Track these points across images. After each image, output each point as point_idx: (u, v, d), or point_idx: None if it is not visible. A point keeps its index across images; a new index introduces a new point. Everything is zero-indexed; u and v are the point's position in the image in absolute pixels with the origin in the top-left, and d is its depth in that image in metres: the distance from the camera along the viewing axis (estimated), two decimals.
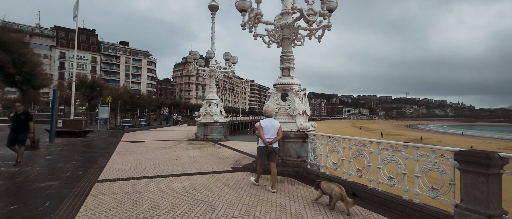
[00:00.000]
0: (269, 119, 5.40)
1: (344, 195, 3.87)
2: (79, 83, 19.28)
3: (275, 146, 5.24)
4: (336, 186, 4.00)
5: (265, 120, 5.40)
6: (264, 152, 5.19)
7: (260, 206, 4.17)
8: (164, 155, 9.05)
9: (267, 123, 5.30)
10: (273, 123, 5.33)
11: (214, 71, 14.62)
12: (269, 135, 5.20)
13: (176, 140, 13.96)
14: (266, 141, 5.12)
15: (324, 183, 4.24)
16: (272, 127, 5.26)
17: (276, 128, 5.28)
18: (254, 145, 12.09)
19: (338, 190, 3.91)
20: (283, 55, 7.26)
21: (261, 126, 5.28)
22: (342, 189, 3.95)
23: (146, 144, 12.00)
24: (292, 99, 6.89)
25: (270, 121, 5.34)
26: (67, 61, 75.67)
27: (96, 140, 13.41)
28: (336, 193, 3.91)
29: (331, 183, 4.16)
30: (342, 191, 3.90)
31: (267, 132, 5.22)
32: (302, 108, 6.85)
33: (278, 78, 7.34)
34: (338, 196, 3.88)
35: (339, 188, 3.95)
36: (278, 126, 5.33)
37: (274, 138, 5.20)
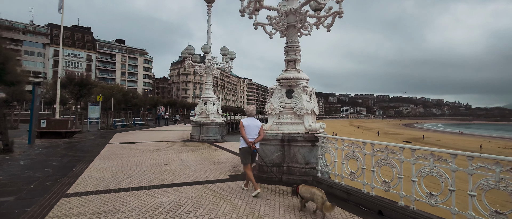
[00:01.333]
0: (251, 118, 5.12)
1: (324, 198, 3.67)
2: (67, 81, 18.16)
3: (258, 147, 5.04)
4: (316, 190, 3.78)
5: (247, 119, 5.11)
6: (248, 153, 4.93)
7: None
8: (153, 159, 8.08)
9: (249, 122, 5.02)
10: (255, 122, 5.08)
11: (210, 67, 13.64)
12: (251, 135, 4.95)
13: (169, 141, 12.98)
14: (249, 141, 4.85)
15: (302, 186, 3.98)
16: (254, 126, 5.01)
17: (257, 128, 5.04)
18: None
19: (320, 194, 3.69)
20: (288, 45, 6.31)
21: (243, 125, 4.99)
22: (322, 191, 3.77)
23: (135, 146, 11.01)
24: (299, 96, 5.95)
25: (252, 121, 5.08)
26: (61, 59, 74.08)
27: (83, 142, 12.39)
28: (318, 197, 3.67)
29: (310, 187, 3.93)
30: (323, 195, 3.71)
31: (250, 132, 4.95)
32: (311, 106, 5.91)
33: (282, 72, 6.40)
34: (321, 200, 3.64)
35: (319, 191, 3.74)
36: (260, 125, 5.10)
37: (256, 138, 4.97)
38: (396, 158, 3.88)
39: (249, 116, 5.20)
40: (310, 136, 5.61)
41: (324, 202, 3.64)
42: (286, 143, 5.83)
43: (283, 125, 6.08)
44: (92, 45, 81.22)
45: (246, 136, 4.88)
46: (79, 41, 78.89)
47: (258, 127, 5.05)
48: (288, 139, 5.80)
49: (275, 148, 5.89)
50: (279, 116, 6.18)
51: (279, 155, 5.88)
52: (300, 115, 5.92)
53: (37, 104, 10.71)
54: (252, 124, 5.02)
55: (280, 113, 6.16)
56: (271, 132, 5.95)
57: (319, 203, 3.65)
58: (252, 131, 4.97)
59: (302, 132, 5.70)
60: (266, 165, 5.87)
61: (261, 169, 5.95)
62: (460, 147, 39.51)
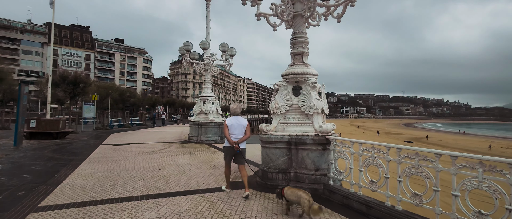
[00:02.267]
0: (235, 117, 4.91)
1: (311, 201, 3.54)
2: (59, 79, 17.45)
3: (242, 147, 4.80)
4: (302, 193, 3.63)
5: (231, 118, 4.92)
6: (230, 153, 4.78)
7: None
8: (146, 162, 7.41)
9: (233, 121, 4.82)
10: (240, 121, 4.86)
11: (209, 65, 12.97)
12: (235, 135, 4.75)
13: (165, 143, 12.31)
14: (231, 140, 4.65)
15: (288, 189, 3.81)
16: (238, 125, 4.80)
17: (243, 127, 4.83)
18: (255, 148, 10.49)
19: (306, 197, 3.56)
20: (295, 37, 5.65)
21: (226, 125, 4.81)
22: (309, 194, 3.62)
23: (129, 148, 10.35)
24: (308, 93, 5.28)
25: (237, 119, 4.86)
26: (60, 58, 73.51)
27: (74, 143, 11.72)
28: (304, 200, 3.53)
29: (296, 189, 3.76)
30: (310, 198, 3.56)
31: (233, 131, 4.76)
32: (321, 105, 5.24)
33: (288, 67, 5.73)
34: (307, 204, 3.50)
35: (306, 194, 3.60)
36: (245, 124, 4.87)
37: (241, 137, 4.74)
38: (430, 167, 3.22)
39: (233, 114, 4.97)
40: (320, 138, 4.95)
41: (311, 205, 3.50)
42: (293, 146, 5.17)
43: (289, 126, 5.42)
44: (91, 44, 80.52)
45: (228, 136, 4.70)
46: (78, 40, 78.20)
47: (243, 126, 4.83)
48: (295, 141, 5.14)
49: (280, 152, 5.23)
50: (285, 116, 5.52)
51: (285, 160, 5.21)
52: (308, 114, 5.25)
53: (24, 103, 10.04)
54: (236, 123, 4.80)
55: (286, 113, 5.50)
56: (276, 134, 5.29)
57: (306, 206, 3.49)
58: (236, 131, 4.76)
59: (311, 134, 5.04)
60: (270, 171, 5.21)
61: (265, 175, 5.28)
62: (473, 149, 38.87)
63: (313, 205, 3.55)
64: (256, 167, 6.87)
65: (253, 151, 9.85)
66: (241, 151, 4.73)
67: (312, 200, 3.58)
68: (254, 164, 7.26)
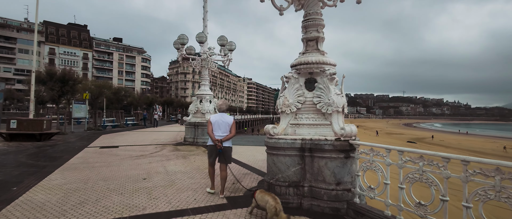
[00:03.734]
0: (220, 114, 4.64)
1: (278, 208, 3.26)
2: (46, 76, 16.34)
3: (227, 145, 4.53)
4: (270, 198, 3.39)
5: (216, 115, 4.65)
6: (214, 152, 4.51)
7: None
8: (131, 170, 6.36)
9: (218, 118, 4.57)
10: (225, 118, 4.59)
11: (207, 60, 11.91)
12: (219, 133, 4.51)
13: (158, 145, 11.26)
14: (214, 138, 4.43)
15: (259, 192, 3.61)
16: (223, 123, 4.54)
17: (228, 125, 4.57)
18: (257, 151, 9.45)
19: (273, 203, 3.31)
20: (308, 19, 4.60)
21: (210, 121, 4.57)
22: (278, 201, 3.35)
23: (117, 151, 9.30)
24: (325, 87, 4.24)
25: (222, 116, 4.60)
26: (57, 57, 72.43)
27: (58, 145, 10.67)
28: (270, 206, 3.29)
29: (266, 194, 3.53)
30: (277, 204, 3.29)
31: (217, 129, 4.52)
32: (342, 101, 4.20)
33: (299, 56, 4.69)
34: (272, 210, 3.25)
35: (274, 200, 3.34)
36: (230, 122, 4.60)
37: (226, 136, 4.50)
38: None
39: (219, 111, 4.73)
40: (342, 143, 3.90)
41: (277, 212, 3.24)
42: (308, 153, 4.13)
43: (302, 127, 4.37)
44: (89, 43, 79.43)
45: (211, 134, 4.48)
46: (75, 39, 77.12)
47: (228, 124, 4.57)
48: (310, 147, 4.10)
49: (291, 160, 4.18)
50: (296, 116, 4.48)
51: (297, 171, 4.17)
52: (326, 113, 4.21)
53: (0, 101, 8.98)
54: (221, 121, 4.55)
55: (297, 111, 4.46)
56: (286, 137, 4.24)
57: (271, 213, 3.27)
58: (220, 128, 4.51)
59: (330, 138, 4.00)
60: (278, 184, 4.16)
61: (271, 189, 4.24)
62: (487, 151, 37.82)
63: (281, 214, 3.24)
64: (258, 175, 5.83)
65: (255, 154, 8.81)
66: (224, 150, 4.45)
67: (280, 207, 3.30)
68: (257, 172, 6.21)
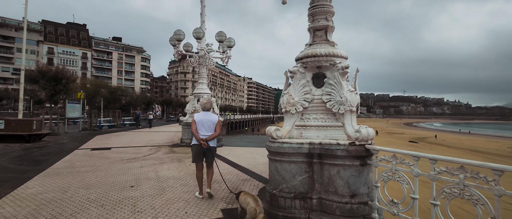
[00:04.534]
0: (204, 113, 4.53)
1: (258, 210, 3.12)
2: (37, 74, 15.74)
3: (212, 145, 4.42)
4: (251, 200, 3.25)
5: (200, 113, 4.55)
6: (199, 152, 4.36)
7: None
8: (119, 175, 5.80)
9: (202, 117, 4.44)
10: (210, 117, 4.47)
11: (205, 57, 11.33)
12: (203, 132, 4.37)
13: (154, 146, 10.69)
14: (198, 137, 4.27)
15: (243, 194, 3.45)
16: (207, 121, 4.42)
17: (212, 124, 4.45)
18: (258, 153, 8.88)
19: (253, 205, 3.16)
20: (316, 5, 4.02)
21: (194, 120, 4.42)
22: (259, 203, 3.22)
23: (108, 154, 8.73)
24: (337, 83, 3.66)
25: (206, 115, 4.48)
26: (56, 57, 71.91)
27: (47, 147, 10.10)
28: (251, 208, 3.14)
29: (249, 196, 3.36)
30: (258, 207, 3.16)
31: (201, 127, 4.39)
32: (356, 99, 3.63)
33: (306, 47, 4.11)
34: (253, 213, 3.11)
35: (254, 202, 3.20)
36: (215, 120, 4.47)
37: (210, 135, 4.37)
38: None
39: (203, 110, 4.59)
40: (358, 148, 3.33)
41: (256, 214, 3.13)
42: (316, 159, 3.56)
43: (309, 130, 3.80)
44: (88, 42, 78.91)
45: (196, 133, 4.33)
46: (74, 38, 76.62)
47: (213, 122, 4.43)
48: (319, 153, 3.52)
49: (297, 168, 3.61)
50: (303, 116, 3.91)
51: (305, 180, 3.60)
52: (337, 113, 3.64)
53: None
54: (205, 119, 4.42)
55: (304, 111, 3.88)
56: (291, 141, 3.67)
57: (251, 214, 3.15)
58: (205, 127, 4.38)
59: (343, 142, 3.42)
60: (283, 195, 3.59)
61: (274, 202, 3.66)
62: None
63: (260, 215, 3.13)
64: (259, 182, 5.25)
65: (255, 157, 8.23)
66: (210, 149, 4.31)
67: (261, 210, 3.19)
68: (257, 178, 5.63)
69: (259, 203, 3.25)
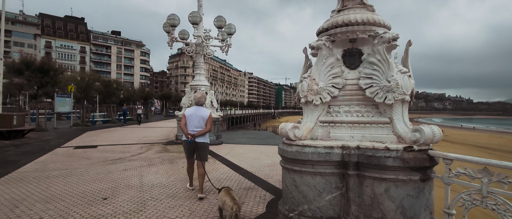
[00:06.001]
0: (196, 107, 4.13)
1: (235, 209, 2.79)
2: (21, 65, 14.54)
3: (202, 141, 4.04)
4: (228, 199, 2.93)
5: (191, 108, 4.16)
6: (189, 148, 4.06)
7: None
8: (94, 182, 4.74)
9: (192, 112, 4.07)
10: (201, 112, 4.08)
11: (202, 45, 10.20)
12: (192, 127, 4.02)
13: (146, 144, 9.64)
14: (187, 132, 3.97)
15: (223, 191, 3.13)
16: (197, 117, 4.04)
17: (203, 119, 4.05)
18: (261, 152, 7.81)
19: (230, 204, 2.85)
20: None
21: (184, 115, 4.10)
22: (237, 203, 2.88)
23: (92, 153, 7.68)
24: (382, 61, 2.56)
25: (197, 110, 4.09)
26: (54, 51, 70.75)
27: (27, 145, 9.07)
28: (228, 208, 2.84)
29: (227, 194, 3.04)
30: (235, 206, 2.81)
31: (190, 123, 4.03)
32: (410, 84, 2.55)
33: (333, 15, 3.01)
34: (230, 212, 2.79)
35: (232, 201, 2.88)
36: (206, 116, 4.08)
37: (200, 130, 4.00)
38: None
39: (196, 104, 4.26)
40: (418, 156, 2.25)
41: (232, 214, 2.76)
42: (353, 170, 2.48)
43: (340, 127, 2.73)
44: (86, 36, 77.66)
45: (184, 127, 4.03)
46: (72, 32, 75.37)
47: (203, 118, 4.09)
48: (357, 161, 2.45)
49: (324, 182, 2.54)
50: (330, 108, 2.82)
51: (335, 200, 2.52)
52: (382, 104, 2.56)
53: None
54: (195, 114, 4.08)
55: (331, 102, 2.80)
56: (316, 145, 2.59)
57: (227, 213, 2.84)
58: (194, 123, 4.05)
59: (394, 147, 2.34)
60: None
61: None
62: None
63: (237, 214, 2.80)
64: (266, 192, 4.19)
65: (259, 157, 7.15)
66: (199, 146, 4.03)
67: (237, 208, 2.81)
68: (264, 186, 4.55)
69: (237, 201, 2.95)
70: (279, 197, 3.96)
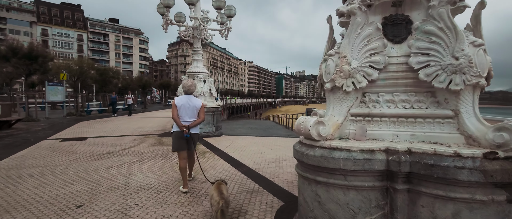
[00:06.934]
0: (187, 96, 3.82)
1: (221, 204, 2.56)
2: (7, 51, 13.67)
3: (195, 132, 3.85)
4: (216, 193, 2.70)
5: (182, 97, 3.81)
6: (180, 139, 3.73)
7: None
8: (71, 183, 4.07)
9: (184, 101, 3.75)
10: (193, 101, 3.79)
11: (199, 28, 9.37)
12: (186, 118, 3.74)
13: (139, 136, 8.96)
14: (181, 124, 3.67)
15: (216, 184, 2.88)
16: (190, 107, 3.75)
17: (196, 109, 3.80)
18: (264, 145, 7.12)
19: (217, 199, 2.63)
20: None
21: (175, 105, 3.74)
22: (224, 197, 2.64)
23: (79, 146, 7.01)
24: (446, 30, 1.80)
25: (189, 99, 3.79)
26: (51, 38, 69.47)
27: (11, 137, 8.40)
28: (214, 203, 2.65)
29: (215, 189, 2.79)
30: (221, 201, 2.59)
31: (184, 113, 3.73)
32: (487, 62, 1.79)
33: None
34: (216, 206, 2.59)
35: (219, 196, 2.66)
36: (199, 106, 3.83)
37: (193, 121, 3.76)
38: None
39: (186, 93, 3.86)
40: (505, 167, 1.54)
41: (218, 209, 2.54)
42: (403, 184, 1.77)
43: (379, 123, 2.00)
44: (83, 24, 76.08)
45: (177, 118, 3.70)
46: (69, 19, 73.78)
47: (196, 107, 3.80)
48: (408, 172, 1.74)
49: (360, 198, 1.83)
50: (365, 97, 2.09)
51: None
52: (442, 90, 1.82)
53: None
54: (188, 104, 3.75)
55: (368, 88, 2.06)
56: (350, 147, 1.85)
57: (213, 208, 2.65)
58: (187, 113, 3.75)
59: (466, 152, 1.63)
60: None
61: None
62: None
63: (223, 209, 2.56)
64: (273, 197, 3.51)
65: (262, 151, 6.44)
66: (192, 136, 3.78)
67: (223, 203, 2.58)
68: (270, 189, 3.86)
69: (225, 196, 2.72)
70: (289, 203, 3.29)
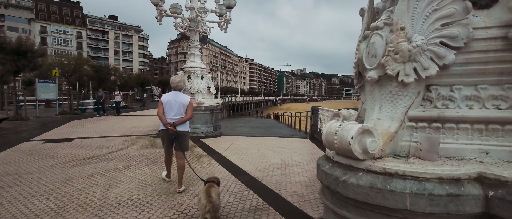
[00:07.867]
0: (174, 93, 3.69)
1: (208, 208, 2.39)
2: None
3: (183, 130, 3.62)
4: (203, 195, 2.57)
5: (169, 94, 3.70)
6: (166, 138, 3.66)
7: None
8: (38, 198, 3.38)
9: (170, 98, 3.62)
10: (180, 98, 3.65)
11: (196, 20, 8.64)
12: (172, 115, 3.59)
13: (132, 136, 8.27)
14: (165, 122, 3.56)
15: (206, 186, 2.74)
16: (176, 103, 3.60)
17: (182, 106, 3.63)
18: (267, 147, 6.41)
19: (204, 202, 2.50)
20: None
21: (161, 102, 3.64)
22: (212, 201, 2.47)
23: (61, 149, 6.31)
24: None
25: (175, 96, 3.65)
26: (50, 36, 68.86)
27: None
28: (201, 206, 2.51)
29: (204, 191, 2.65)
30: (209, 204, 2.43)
31: (169, 110, 3.60)
32: None
33: None
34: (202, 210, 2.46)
35: (206, 199, 2.50)
36: (186, 102, 3.65)
37: (180, 118, 3.60)
38: None
39: (174, 89, 3.75)
40: None
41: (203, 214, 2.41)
42: None
43: (453, 132, 1.28)
44: (82, 21, 75.35)
45: (162, 116, 3.58)
46: (68, 16, 73.04)
47: (183, 104, 3.62)
48: None
49: None
50: (431, 92, 1.37)
51: None
52: None
53: None
54: (174, 101, 3.60)
55: (436, 77, 1.35)
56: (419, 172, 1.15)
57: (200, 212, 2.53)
58: (173, 110, 3.59)
59: None
60: None
61: None
62: None
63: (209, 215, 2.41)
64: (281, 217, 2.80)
65: (265, 154, 5.72)
66: (180, 135, 3.57)
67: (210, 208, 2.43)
68: (276, 206, 3.15)
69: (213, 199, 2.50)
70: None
